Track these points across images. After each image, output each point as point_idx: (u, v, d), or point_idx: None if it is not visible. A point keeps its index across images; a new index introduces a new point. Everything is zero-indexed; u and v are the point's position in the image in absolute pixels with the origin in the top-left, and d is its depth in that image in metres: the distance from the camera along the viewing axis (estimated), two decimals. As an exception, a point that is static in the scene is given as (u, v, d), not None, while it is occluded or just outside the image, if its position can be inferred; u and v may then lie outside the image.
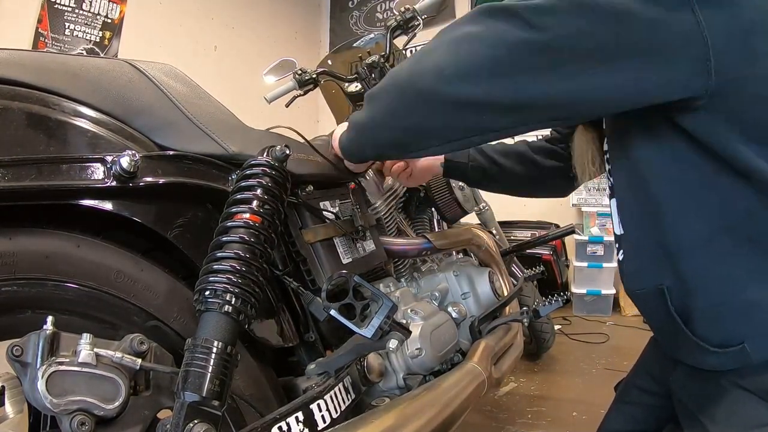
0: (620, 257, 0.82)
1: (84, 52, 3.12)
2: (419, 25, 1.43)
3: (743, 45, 0.59)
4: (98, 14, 3.20)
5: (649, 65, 0.59)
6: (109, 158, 0.59)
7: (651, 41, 0.58)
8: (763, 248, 0.65)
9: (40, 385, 0.49)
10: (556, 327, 2.63)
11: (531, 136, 1.04)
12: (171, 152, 0.67)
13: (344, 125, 0.98)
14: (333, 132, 1.03)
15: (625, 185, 0.77)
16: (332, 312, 0.70)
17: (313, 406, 0.70)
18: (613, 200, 0.82)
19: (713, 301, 0.69)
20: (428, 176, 1.23)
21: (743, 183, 0.64)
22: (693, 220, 0.68)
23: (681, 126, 0.65)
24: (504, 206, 2.28)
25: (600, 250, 3.16)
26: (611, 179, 0.81)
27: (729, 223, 0.66)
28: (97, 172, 0.59)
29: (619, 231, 0.81)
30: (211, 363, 0.56)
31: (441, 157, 1.16)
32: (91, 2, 3.16)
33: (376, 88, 0.78)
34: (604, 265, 3.14)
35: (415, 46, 2.02)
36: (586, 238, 3.18)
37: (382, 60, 1.45)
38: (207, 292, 0.60)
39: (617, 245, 0.83)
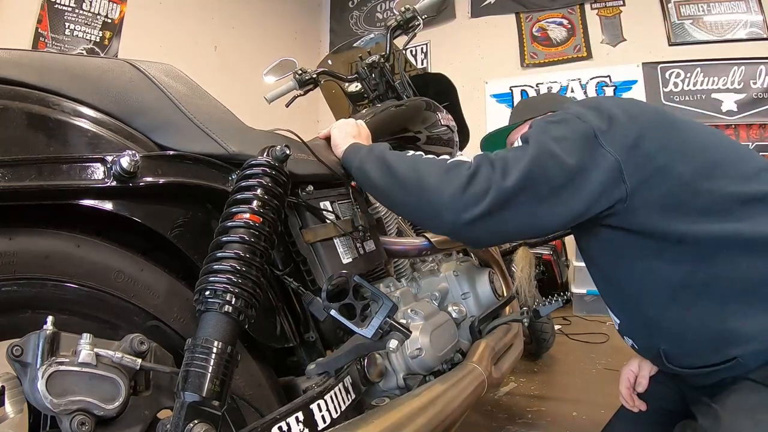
0: (630, 342, 0.93)
1: (84, 52, 3.12)
2: (419, 25, 1.43)
3: (640, 151, 0.78)
4: (98, 14, 3.21)
5: (585, 189, 0.78)
6: (109, 158, 0.59)
7: (583, 173, 0.78)
8: (722, 287, 0.76)
9: (40, 385, 0.49)
10: (556, 327, 2.63)
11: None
12: (171, 152, 0.67)
13: (345, 122, 0.99)
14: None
15: (603, 286, 0.94)
16: (332, 312, 0.70)
17: (313, 406, 0.70)
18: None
19: (700, 341, 0.79)
20: None
21: (678, 249, 0.78)
22: (655, 291, 0.82)
23: (620, 227, 0.81)
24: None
25: (600, 250, 3.16)
26: (595, 285, 0.97)
27: (682, 280, 0.79)
28: (97, 172, 0.59)
29: (617, 323, 0.94)
30: (211, 363, 0.56)
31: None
32: (91, 2, 3.16)
33: (399, 172, 0.88)
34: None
35: (414, 46, 2.02)
36: (587, 238, 3.17)
37: (382, 60, 1.45)
38: (207, 292, 0.60)
39: (620, 335, 0.96)
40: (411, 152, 0.96)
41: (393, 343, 0.71)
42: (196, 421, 0.54)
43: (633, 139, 0.78)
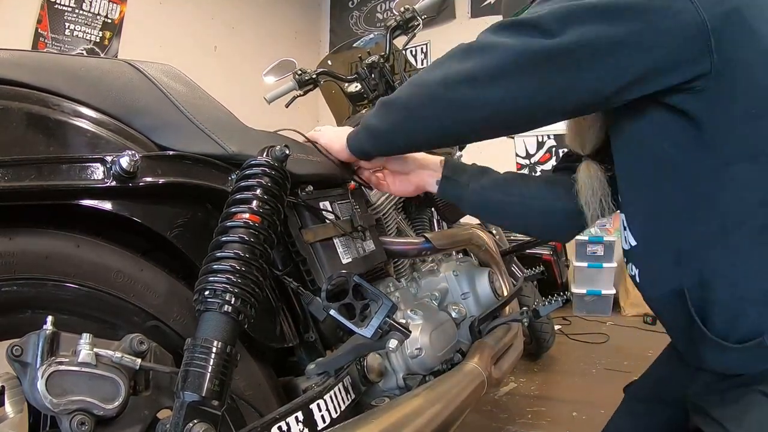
0: (633, 272, 0.81)
1: (84, 52, 3.12)
2: (419, 25, 1.43)
3: (741, 24, 0.61)
4: (98, 14, 3.21)
5: (655, 48, 0.62)
6: (108, 158, 0.59)
7: (656, 28, 0.61)
8: None
9: (40, 385, 0.49)
10: (556, 327, 2.63)
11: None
12: (171, 152, 0.67)
13: (337, 129, 0.98)
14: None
15: (635, 195, 0.77)
16: (332, 312, 0.70)
17: (313, 406, 0.70)
18: (623, 215, 0.82)
19: (731, 296, 0.68)
20: (414, 192, 1.04)
21: (754, 172, 0.64)
22: (705, 216, 0.68)
23: (688, 113, 0.65)
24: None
25: (600, 250, 3.17)
26: (620, 195, 0.82)
27: (742, 215, 0.66)
28: (97, 172, 0.59)
29: (629, 245, 0.80)
30: (211, 363, 0.56)
31: (436, 174, 1.00)
32: (91, 2, 3.16)
33: (398, 96, 0.81)
34: (604, 265, 3.14)
35: (414, 46, 2.02)
36: (586, 238, 3.18)
37: (381, 60, 1.45)
38: (207, 292, 0.60)
39: (627, 260, 0.83)
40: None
41: (393, 343, 0.71)
42: (195, 421, 0.54)
43: (729, 6, 0.61)
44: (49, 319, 0.52)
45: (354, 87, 1.53)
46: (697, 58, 0.62)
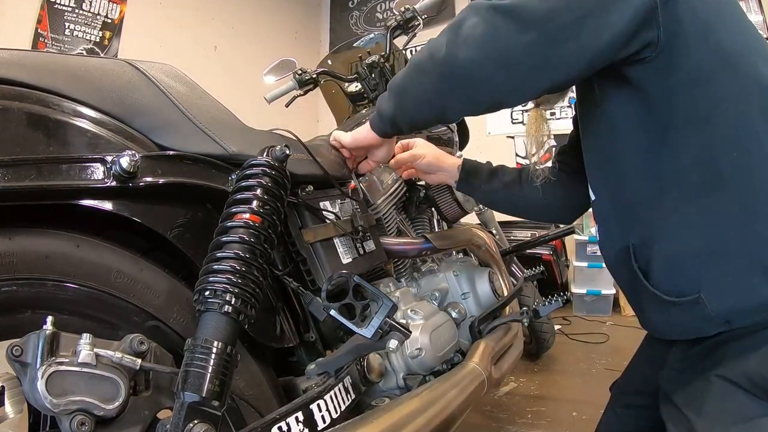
0: (595, 232, 0.88)
1: (84, 52, 3.12)
2: (419, 25, 1.43)
3: (684, 2, 0.66)
4: (98, 14, 3.21)
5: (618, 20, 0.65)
6: (108, 158, 0.59)
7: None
8: (715, 198, 0.68)
9: (40, 385, 0.49)
10: (556, 327, 2.63)
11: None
12: (171, 152, 0.67)
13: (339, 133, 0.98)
14: (332, 132, 1.03)
15: (594, 149, 0.84)
16: (332, 312, 0.70)
17: (313, 407, 0.70)
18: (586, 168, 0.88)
19: (669, 251, 0.73)
20: (435, 180, 1.26)
21: (689, 137, 0.69)
22: (645, 175, 0.74)
23: (633, 81, 0.71)
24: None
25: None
26: (584, 154, 0.88)
27: (677, 176, 0.71)
28: (97, 172, 0.59)
29: (592, 199, 0.87)
30: (211, 363, 0.56)
31: (454, 176, 1.19)
32: (91, 2, 3.17)
33: (398, 80, 0.82)
34: (604, 265, 3.14)
35: (414, 47, 2.02)
36: (586, 238, 3.18)
37: (381, 60, 1.45)
38: (207, 292, 0.60)
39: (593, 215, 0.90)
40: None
41: (393, 343, 0.71)
42: (195, 421, 0.54)
43: None
44: (49, 319, 0.52)
45: (354, 87, 1.52)
46: (649, 29, 0.66)
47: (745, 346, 0.68)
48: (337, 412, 0.74)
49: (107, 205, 0.61)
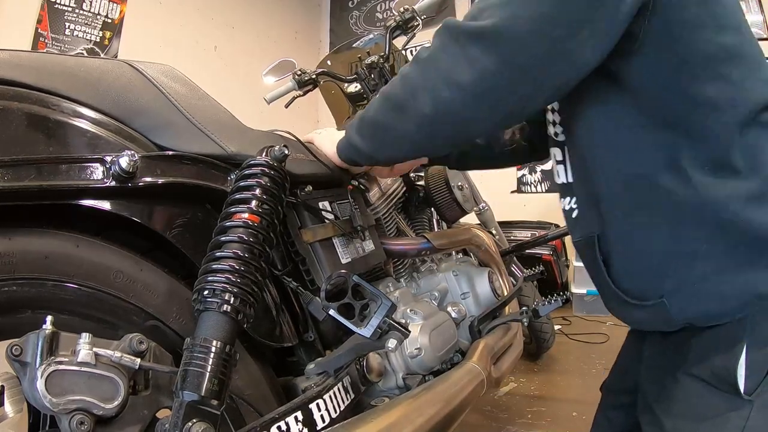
0: (567, 206, 0.84)
1: (84, 52, 3.12)
2: (418, 25, 1.43)
3: None
4: (98, 14, 3.21)
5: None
6: (108, 158, 0.59)
7: None
8: (678, 200, 0.66)
9: (40, 384, 0.49)
10: (556, 327, 2.63)
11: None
12: (170, 152, 0.67)
13: (333, 132, 0.97)
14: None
15: (573, 134, 0.80)
16: (331, 312, 0.70)
17: (312, 406, 0.70)
18: (558, 150, 0.84)
19: (630, 251, 0.71)
20: (411, 167, 1.20)
21: (660, 139, 0.67)
22: (614, 168, 0.71)
23: (612, 74, 0.68)
24: (504, 206, 2.27)
25: (600, 250, 3.16)
26: (562, 127, 0.84)
27: (642, 174, 0.68)
28: (97, 172, 0.59)
29: (567, 179, 0.83)
30: (210, 362, 0.56)
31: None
32: (91, 2, 3.17)
33: (368, 111, 0.82)
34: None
35: (414, 47, 2.02)
36: (586, 238, 3.17)
37: (381, 60, 1.45)
38: (206, 292, 0.60)
39: (561, 195, 0.85)
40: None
41: (392, 343, 0.71)
42: (194, 420, 0.54)
43: None
44: (49, 318, 0.52)
45: (354, 87, 1.53)
46: (635, 23, 0.63)
47: (710, 340, 0.68)
48: (336, 412, 0.74)
49: (107, 205, 0.62)
